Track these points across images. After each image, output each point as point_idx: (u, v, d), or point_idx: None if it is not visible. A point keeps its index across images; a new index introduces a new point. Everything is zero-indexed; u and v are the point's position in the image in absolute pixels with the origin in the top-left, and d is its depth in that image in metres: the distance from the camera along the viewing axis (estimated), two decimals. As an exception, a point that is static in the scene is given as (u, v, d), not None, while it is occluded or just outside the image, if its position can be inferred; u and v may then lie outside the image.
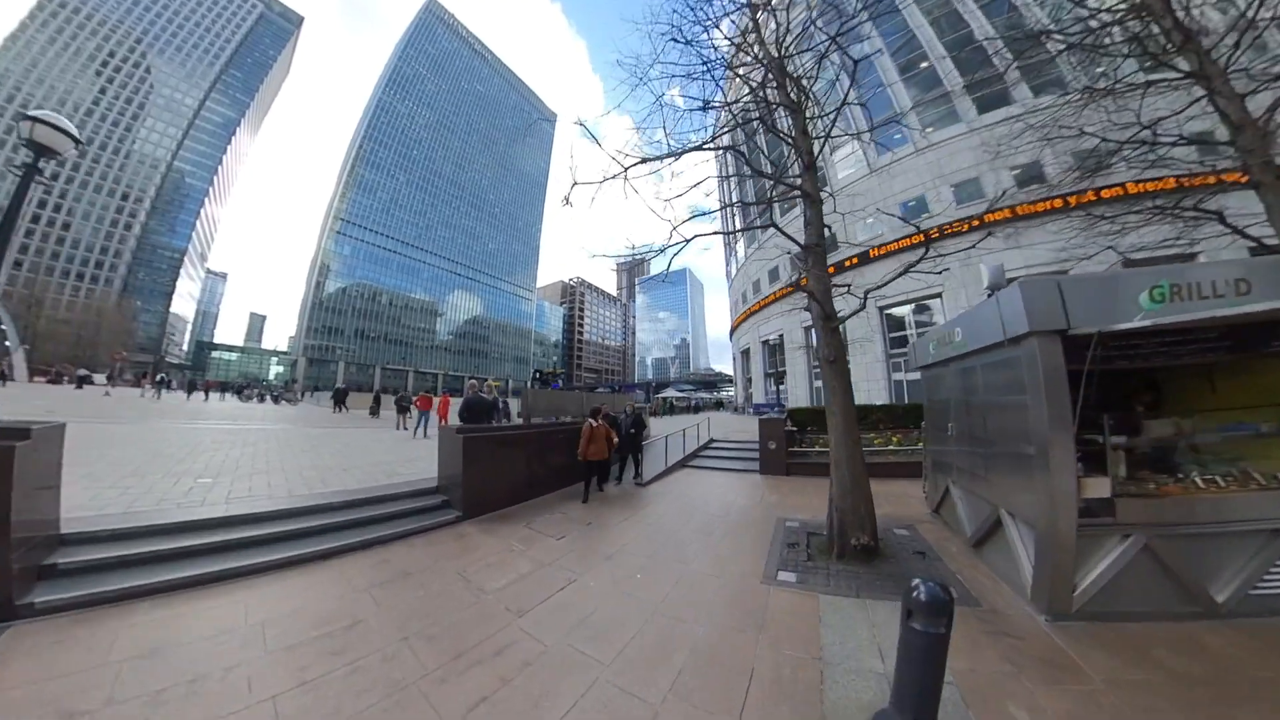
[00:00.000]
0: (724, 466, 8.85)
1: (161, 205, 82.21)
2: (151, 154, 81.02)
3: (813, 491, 7.29)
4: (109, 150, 77.17)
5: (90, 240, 74.31)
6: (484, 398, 6.59)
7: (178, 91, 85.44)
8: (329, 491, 5.21)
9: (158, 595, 3.24)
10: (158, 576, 3.33)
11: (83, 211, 73.77)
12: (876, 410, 10.49)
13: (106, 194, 76.24)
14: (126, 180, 77.95)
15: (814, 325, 5.34)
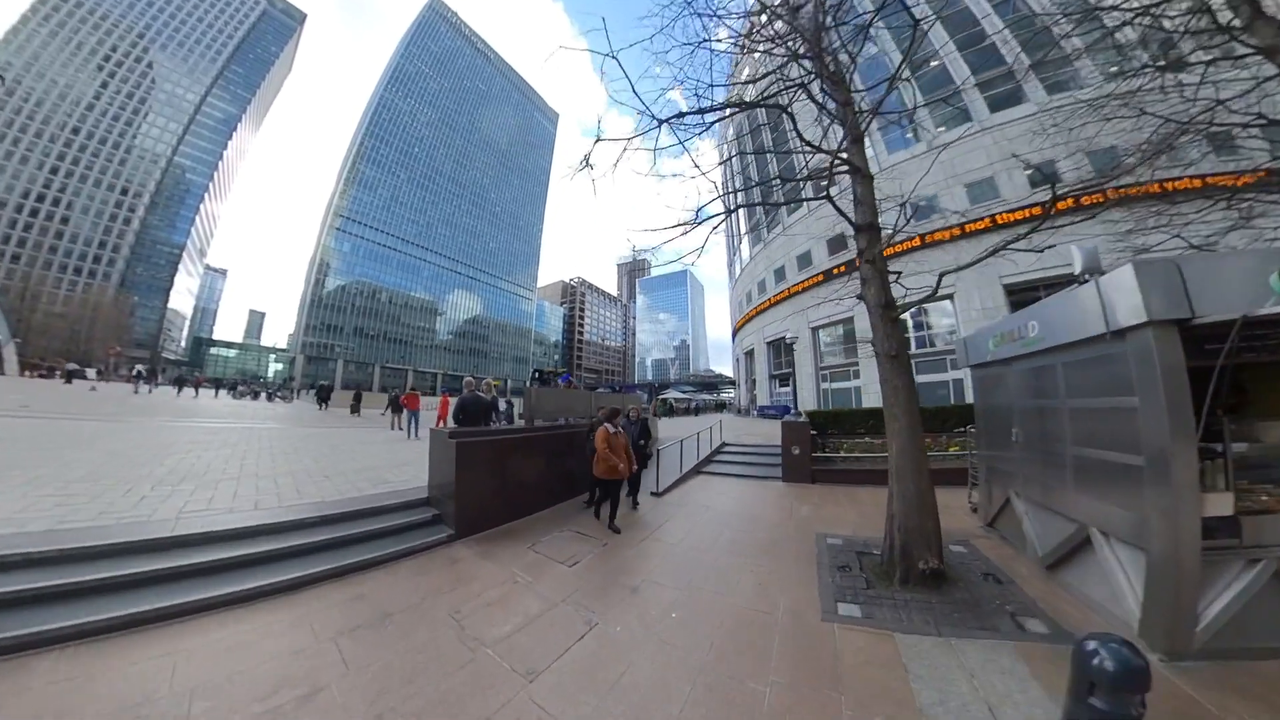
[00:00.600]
0: (742, 473, 8.15)
1: (161, 200, 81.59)
2: (152, 149, 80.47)
3: (844, 502, 6.64)
4: (109, 145, 76.61)
5: (89, 234, 73.71)
6: (481, 397, 5.86)
7: (179, 87, 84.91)
8: (303, 504, 4.49)
9: (66, 644, 2.54)
10: (69, 618, 2.62)
11: (81, 205, 73.15)
12: (904, 415, 9.82)
13: (106, 188, 75.63)
14: (126, 175, 77.38)
15: (870, 315, 4.65)
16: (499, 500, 5.09)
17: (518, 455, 5.42)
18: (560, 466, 6.00)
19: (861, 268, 4.81)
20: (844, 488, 7.46)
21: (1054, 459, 4.23)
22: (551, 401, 6.39)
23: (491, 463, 4.96)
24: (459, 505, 4.57)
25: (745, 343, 38.44)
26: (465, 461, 4.64)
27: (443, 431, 4.95)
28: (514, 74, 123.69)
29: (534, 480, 5.67)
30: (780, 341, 31.89)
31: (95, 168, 75.35)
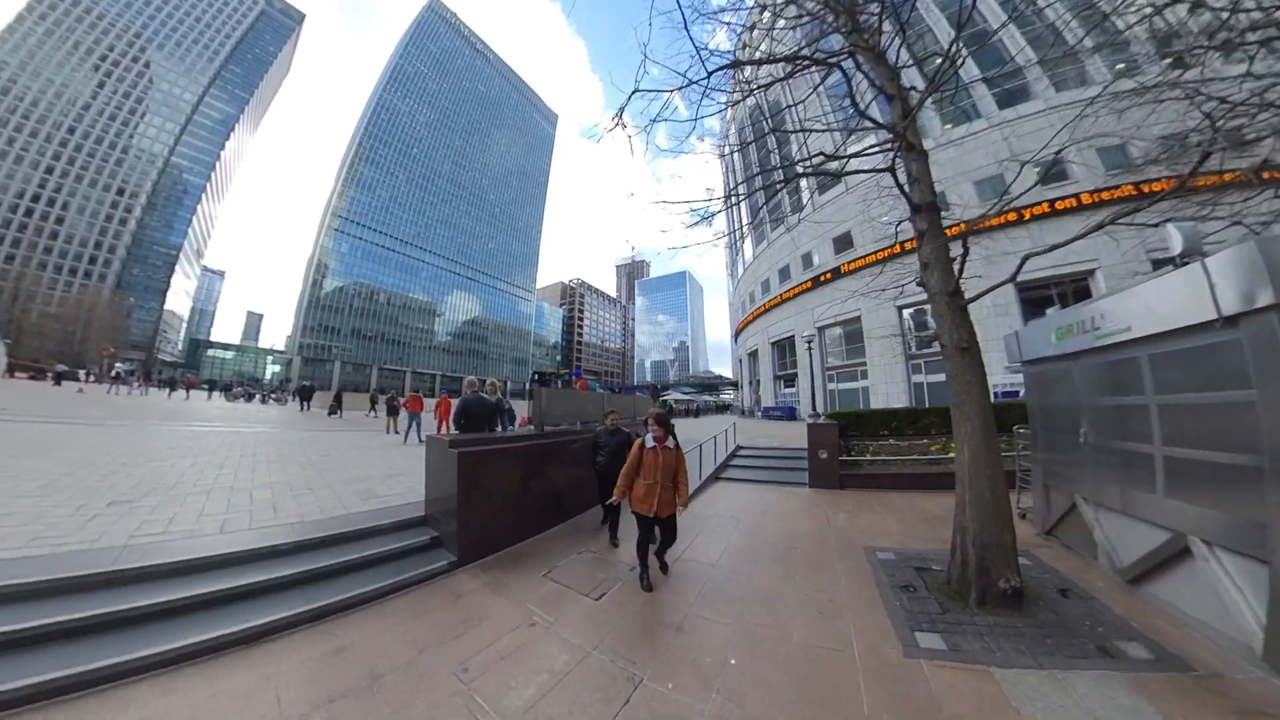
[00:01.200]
0: (763, 478, 7.57)
1: (158, 201, 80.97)
2: (149, 149, 79.86)
3: (879, 509, 6.10)
4: (105, 144, 75.98)
5: (85, 235, 73.03)
6: (486, 399, 5.25)
7: (176, 86, 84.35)
8: (278, 525, 3.88)
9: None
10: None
11: (77, 206, 72.51)
12: (928, 414, 9.24)
13: (102, 188, 74.98)
14: (123, 175, 76.76)
15: (935, 304, 4.09)
16: (508, 518, 4.46)
17: (529, 466, 4.80)
18: (574, 477, 5.43)
19: (921, 251, 4.23)
20: (874, 493, 6.90)
21: (1137, 461, 3.82)
22: (563, 405, 5.78)
23: (500, 475, 4.34)
24: (462, 526, 3.93)
25: (749, 343, 37.88)
26: (469, 475, 4.00)
27: (442, 440, 4.32)
28: (513, 74, 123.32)
29: (546, 494, 5.05)
30: (785, 342, 31.34)
31: (91, 168, 74.73)
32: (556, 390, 5.90)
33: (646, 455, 3.75)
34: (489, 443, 4.40)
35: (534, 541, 4.70)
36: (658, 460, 3.72)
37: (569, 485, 5.43)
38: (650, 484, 3.68)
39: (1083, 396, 4.65)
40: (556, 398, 5.76)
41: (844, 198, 27.23)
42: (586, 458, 5.33)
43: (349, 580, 3.32)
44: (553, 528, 5.07)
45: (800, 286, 29.16)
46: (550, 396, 5.36)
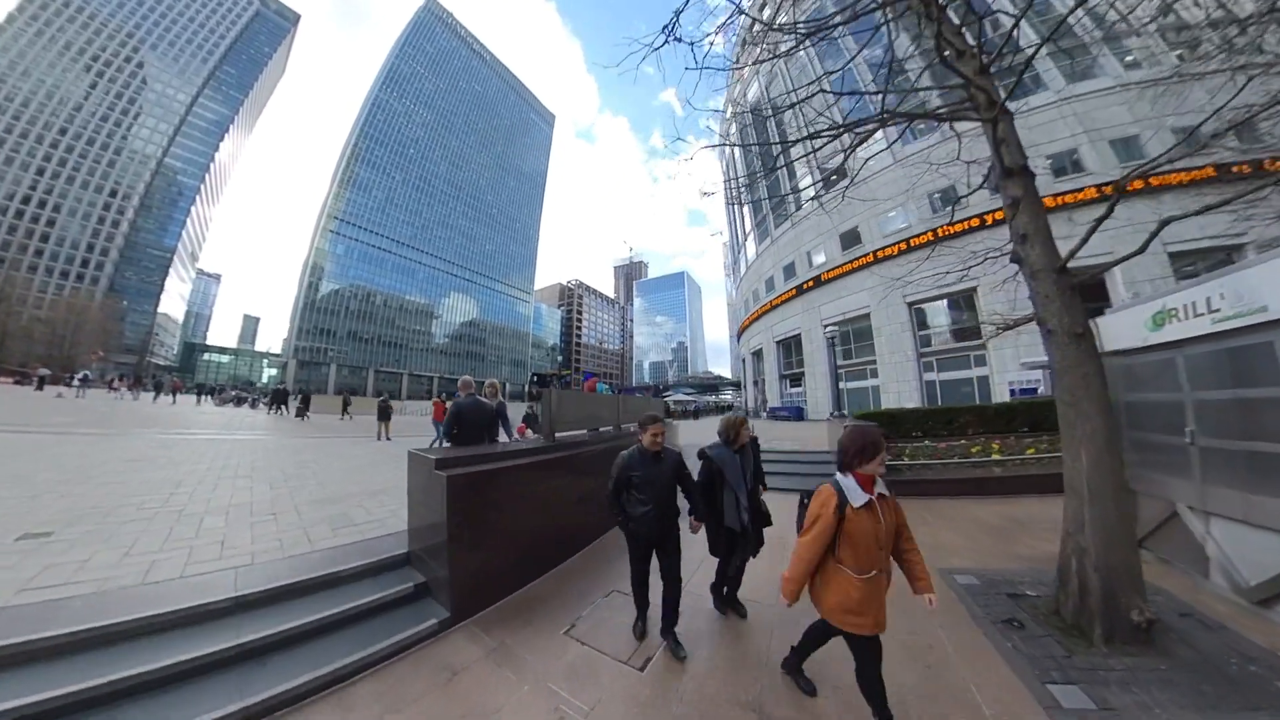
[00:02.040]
0: (793, 486, 6.81)
1: (151, 203, 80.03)
2: (142, 150, 78.96)
3: (934, 520, 5.38)
4: (97, 146, 75.07)
5: (77, 237, 72.07)
6: (484, 404, 4.53)
7: (170, 87, 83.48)
8: (221, 568, 3.06)
9: None
10: None
11: (69, 208, 71.59)
12: (964, 413, 8.51)
13: (94, 190, 74.05)
14: (115, 177, 75.83)
15: (1035, 283, 3.36)
16: (513, 555, 3.58)
17: (539, 485, 3.92)
18: (590, 491, 4.62)
19: (1015, 222, 3.47)
20: (919, 501, 6.16)
21: (1267, 464, 3.27)
22: (575, 409, 5.06)
23: (502, 501, 3.48)
24: (455, 571, 3.07)
25: (752, 342, 37.16)
26: (463, 503, 3.11)
27: (426, 457, 3.39)
28: (509, 74, 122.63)
29: (561, 518, 4.20)
30: (791, 340, 30.63)
31: (83, 169, 73.83)
32: (567, 392, 5.10)
33: (855, 519, 2.05)
34: (488, 459, 3.61)
35: (547, 580, 3.84)
36: (879, 525, 2.06)
37: (585, 504, 4.63)
38: (870, 574, 2.04)
39: (1189, 390, 3.98)
40: (568, 401, 4.96)
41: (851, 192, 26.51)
42: (604, 471, 4.62)
43: (301, 656, 2.48)
44: (569, 559, 4.23)
45: (806, 283, 28.44)
46: (561, 399, 4.56)
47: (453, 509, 3.10)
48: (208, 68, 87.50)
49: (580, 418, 5.18)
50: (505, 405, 5.13)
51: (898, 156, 24.14)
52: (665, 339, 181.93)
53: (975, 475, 6.78)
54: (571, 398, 5.37)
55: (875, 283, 24.09)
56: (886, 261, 23.49)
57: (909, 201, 23.76)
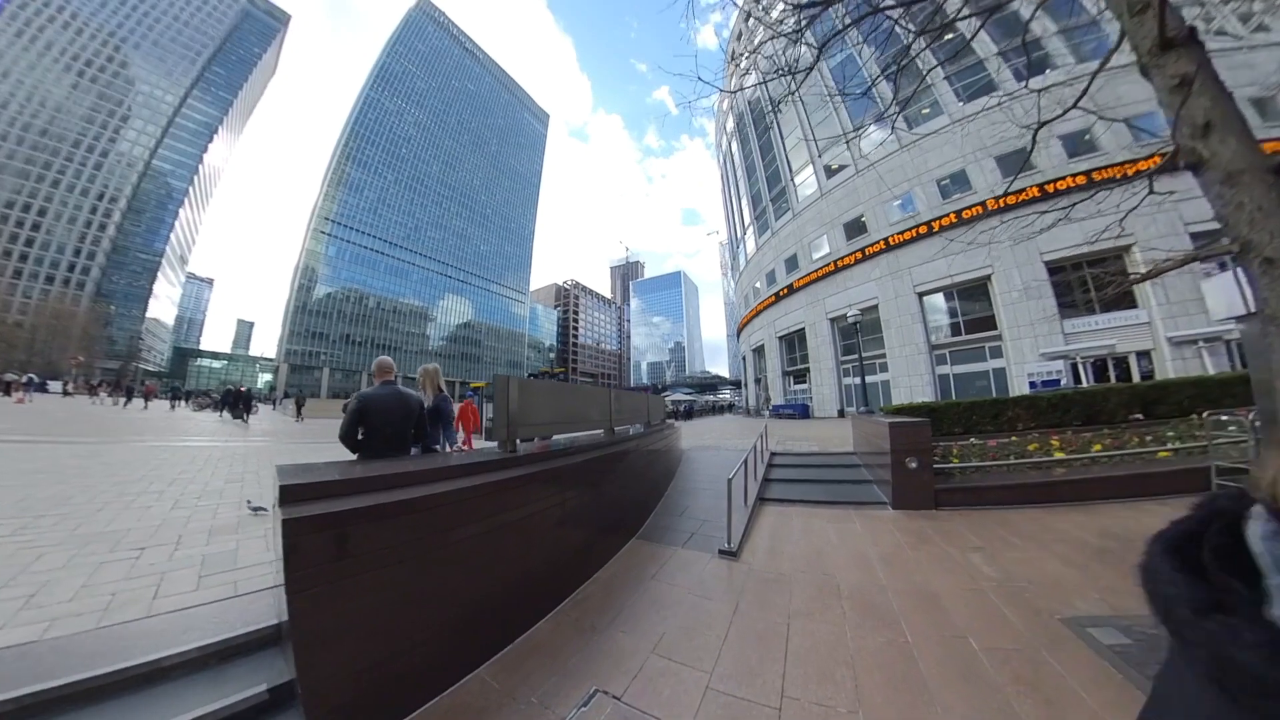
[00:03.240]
0: (823, 497, 5.76)
1: (138, 206, 78.56)
2: (128, 153, 77.51)
3: (1016, 540, 4.24)
4: (82, 148, 73.60)
5: (62, 241, 70.58)
6: (408, 397, 3.31)
7: (157, 89, 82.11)
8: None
9: None
10: None
11: (54, 211, 70.11)
12: (1013, 404, 7.46)
13: (79, 193, 72.58)
14: (101, 180, 74.39)
15: (1225, 195, 2.23)
16: (430, 639, 2.28)
17: (477, 525, 2.56)
18: (565, 526, 3.36)
19: (1188, 108, 2.34)
20: (982, 514, 5.07)
21: None
22: (546, 406, 3.78)
23: (408, 554, 2.23)
24: (308, 677, 1.85)
25: (753, 339, 36.15)
26: (317, 562, 1.91)
27: (280, 515, 1.93)
28: (503, 73, 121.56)
29: (516, 571, 2.81)
30: (794, 335, 29.62)
31: (69, 172, 72.42)
32: (536, 381, 3.45)
33: None
34: (391, 484, 2.34)
35: (491, 671, 2.41)
36: None
37: (560, 541, 3.29)
38: None
39: None
40: (536, 395, 3.73)
41: (854, 180, 25.59)
42: (592, 497, 3.42)
43: None
44: (530, 629, 2.79)
45: (809, 276, 27.44)
46: (526, 391, 3.37)
47: (297, 573, 1.83)
48: (195, 68, 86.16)
49: (555, 418, 3.90)
50: (450, 403, 3.91)
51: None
52: (663, 339, 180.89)
53: (1043, 480, 5.68)
54: (542, 390, 4.08)
55: (882, 272, 23.13)
56: (896, 250, 22.52)
57: (917, 187, 22.83)
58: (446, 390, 4.09)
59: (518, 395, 3.19)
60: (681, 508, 5.67)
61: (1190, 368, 16.20)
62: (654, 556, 3.96)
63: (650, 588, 3.32)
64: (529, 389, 3.38)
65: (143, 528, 3.90)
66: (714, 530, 4.62)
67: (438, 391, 3.83)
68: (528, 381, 3.34)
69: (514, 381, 3.19)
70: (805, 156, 29.41)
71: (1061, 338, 18.21)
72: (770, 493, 5.97)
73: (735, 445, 12.11)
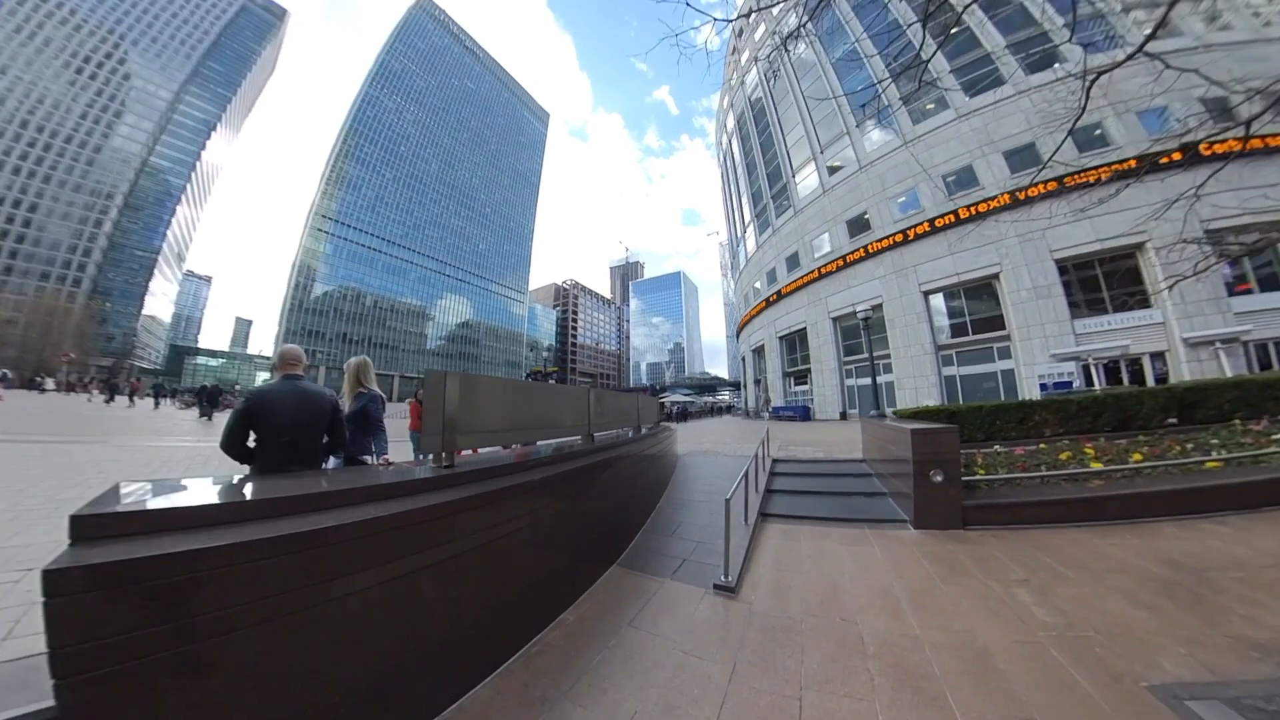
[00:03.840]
0: (833, 513, 5.07)
1: (135, 203, 77.99)
2: (124, 149, 76.98)
3: (1071, 570, 3.48)
4: (75, 144, 73.05)
5: (56, 238, 70.03)
6: (314, 395, 2.67)
7: (152, 84, 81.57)
8: None
9: None
10: None
11: (46, 208, 69.56)
12: (1039, 408, 6.79)
13: (72, 189, 72.02)
14: (97, 176, 73.84)
15: None
16: None
17: (374, 575, 1.86)
18: (516, 577, 2.62)
19: None
20: (1019, 535, 4.39)
21: None
22: (496, 407, 2.99)
23: (262, 622, 1.53)
24: None
25: (753, 338, 35.50)
26: (113, 642, 1.23)
27: (94, 511, 1.46)
28: (503, 72, 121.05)
29: (433, 639, 2.11)
30: (795, 335, 28.97)
31: (60, 168, 71.91)
32: (484, 378, 2.96)
33: None
34: (239, 516, 1.71)
35: None
36: None
37: (516, 584, 2.60)
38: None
39: None
40: (485, 394, 2.89)
41: (857, 176, 24.96)
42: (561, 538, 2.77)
43: None
44: (466, 695, 2.14)
45: (810, 275, 26.80)
46: (470, 388, 2.63)
47: (68, 649, 1.20)
48: (191, 64, 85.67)
49: (511, 423, 3.10)
50: (381, 404, 3.27)
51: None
52: (662, 340, 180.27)
53: (1083, 494, 4.98)
54: (493, 389, 3.08)
55: (886, 270, 22.50)
56: (901, 247, 21.88)
57: (921, 184, 22.20)
58: (378, 388, 3.40)
59: (458, 395, 2.52)
60: (674, 524, 5.01)
61: (1207, 370, 15.57)
62: (636, 591, 3.29)
63: (626, 638, 2.65)
64: (474, 387, 2.69)
65: (49, 543, 3.27)
66: (709, 555, 3.95)
67: (359, 390, 3.16)
68: (473, 378, 2.66)
69: (454, 378, 2.52)
70: (807, 153, 28.79)
71: (1073, 338, 17.56)
72: (774, 506, 5.30)
73: (734, 450, 11.44)
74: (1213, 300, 15.90)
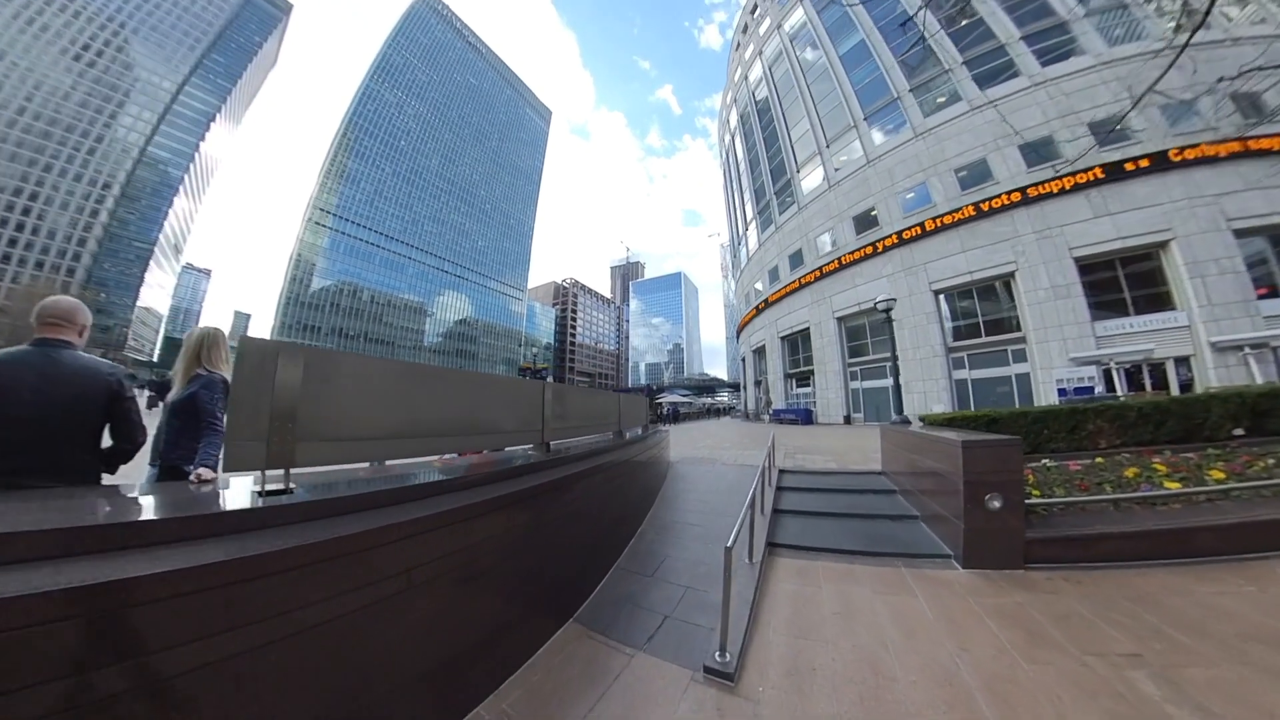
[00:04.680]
0: (854, 545, 4.03)
1: (132, 193, 77.19)
2: (123, 139, 76.22)
3: (1192, 641, 2.42)
4: (76, 133, 72.34)
5: (53, 227, 69.27)
6: (69, 370, 1.73)
7: (154, 75, 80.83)
8: None
9: None
10: None
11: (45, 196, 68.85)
12: (1094, 415, 5.80)
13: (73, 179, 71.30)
14: (95, 165, 73.08)
15: None
16: None
17: (139, 676, 0.96)
18: (396, 659, 1.62)
19: None
20: (1097, 578, 3.37)
21: None
22: (374, 398, 1.85)
23: None
24: None
25: (754, 339, 34.51)
26: None
27: None
28: (506, 69, 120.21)
29: None
30: (798, 335, 27.99)
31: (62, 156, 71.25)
32: (350, 357, 1.77)
33: None
34: None
35: None
36: None
37: (391, 673, 1.61)
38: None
39: None
40: (353, 376, 1.79)
41: (864, 171, 24.00)
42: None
43: None
44: None
45: (814, 273, 25.82)
46: (321, 368, 1.59)
47: None
48: (195, 55, 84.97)
49: (399, 426, 2.05)
50: (221, 393, 2.15)
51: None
52: (662, 341, 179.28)
53: (1170, 524, 3.94)
54: (370, 373, 1.93)
55: (895, 268, 21.52)
56: (910, 244, 20.92)
57: (933, 178, 21.24)
58: (229, 373, 2.26)
59: (299, 377, 1.56)
60: (657, 558, 3.99)
61: (1235, 376, 14.56)
62: (592, 668, 2.30)
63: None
64: (329, 366, 1.69)
65: None
66: (699, 610, 2.94)
67: (196, 371, 2.13)
68: (324, 353, 1.68)
69: (290, 350, 1.56)
70: (813, 147, 27.83)
71: (1093, 340, 16.55)
72: (784, 533, 4.30)
73: (734, 457, 10.30)
74: (1240, 303, 14.92)
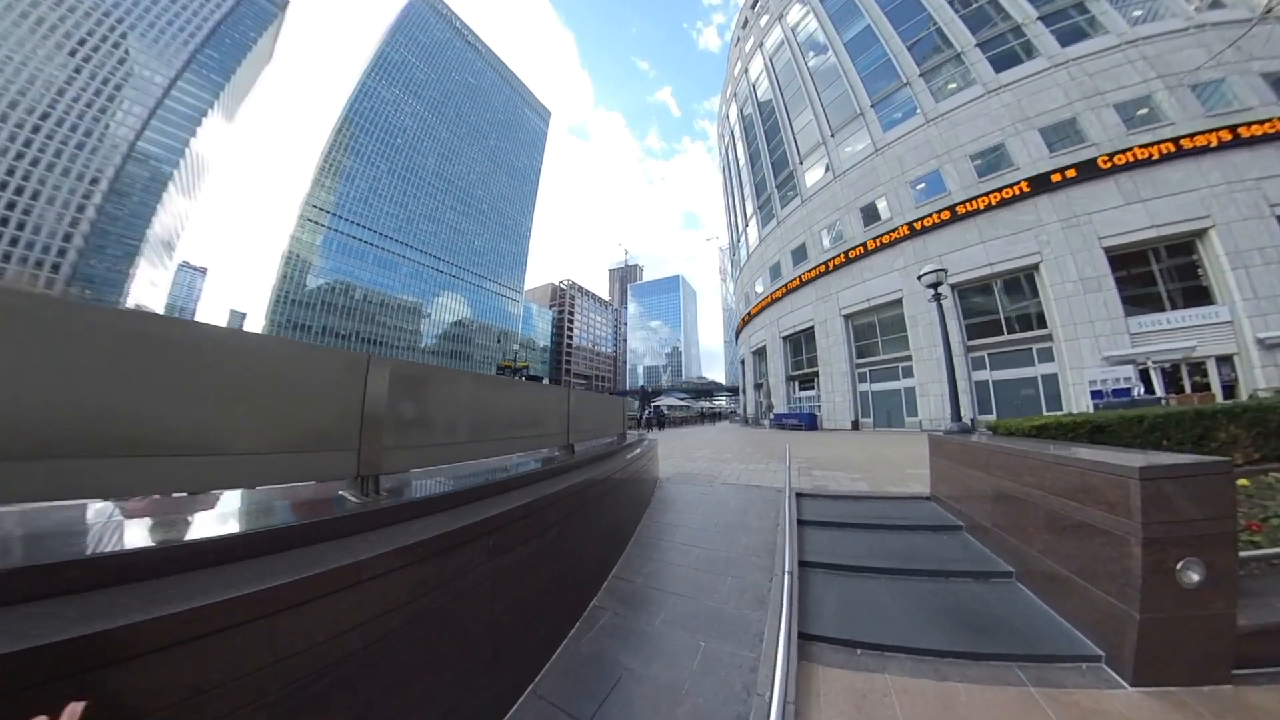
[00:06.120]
0: (937, 642, 2.34)
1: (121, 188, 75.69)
2: (113, 133, 74.80)
3: None
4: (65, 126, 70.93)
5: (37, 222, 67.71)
6: None
7: (146, 69, 79.58)
8: None
9: None
10: None
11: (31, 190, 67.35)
12: (1226, 419, 4.18)
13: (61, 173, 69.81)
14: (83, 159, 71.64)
15: None
16: None
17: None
18: None
19: None
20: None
21: None
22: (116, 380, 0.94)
23: None
24: None
25: (754, 339, 32.92)
26: None
27: None
28: (505, 68, 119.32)
29: None
30: (801, 335, 26.41)
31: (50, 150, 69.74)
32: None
33: None
34: None
35: None
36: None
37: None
38: None
39: None
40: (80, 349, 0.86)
41: (872, 160, 22.53)
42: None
43: None
44: None
45: (819, 268, 24.29)
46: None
47: None
48: (188, 50, 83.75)
49: (196, 430, 1.08)
50: None
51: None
52: (660, 344, 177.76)
53: None
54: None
55: (907, 261, 19.98)
56: (923, 235, 19.40)
57: (947, 165, 19.76)
58: None
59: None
60: (608, 674, 2.27)
61: (1283, 376, 13.03)
62: None
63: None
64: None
65: None
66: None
67: None
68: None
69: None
70: (816, 137, 26.38)
71: (1127, 338, 14.98)
72: (819, 610, 2.50)
73: (737, 474, 8.14)
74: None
